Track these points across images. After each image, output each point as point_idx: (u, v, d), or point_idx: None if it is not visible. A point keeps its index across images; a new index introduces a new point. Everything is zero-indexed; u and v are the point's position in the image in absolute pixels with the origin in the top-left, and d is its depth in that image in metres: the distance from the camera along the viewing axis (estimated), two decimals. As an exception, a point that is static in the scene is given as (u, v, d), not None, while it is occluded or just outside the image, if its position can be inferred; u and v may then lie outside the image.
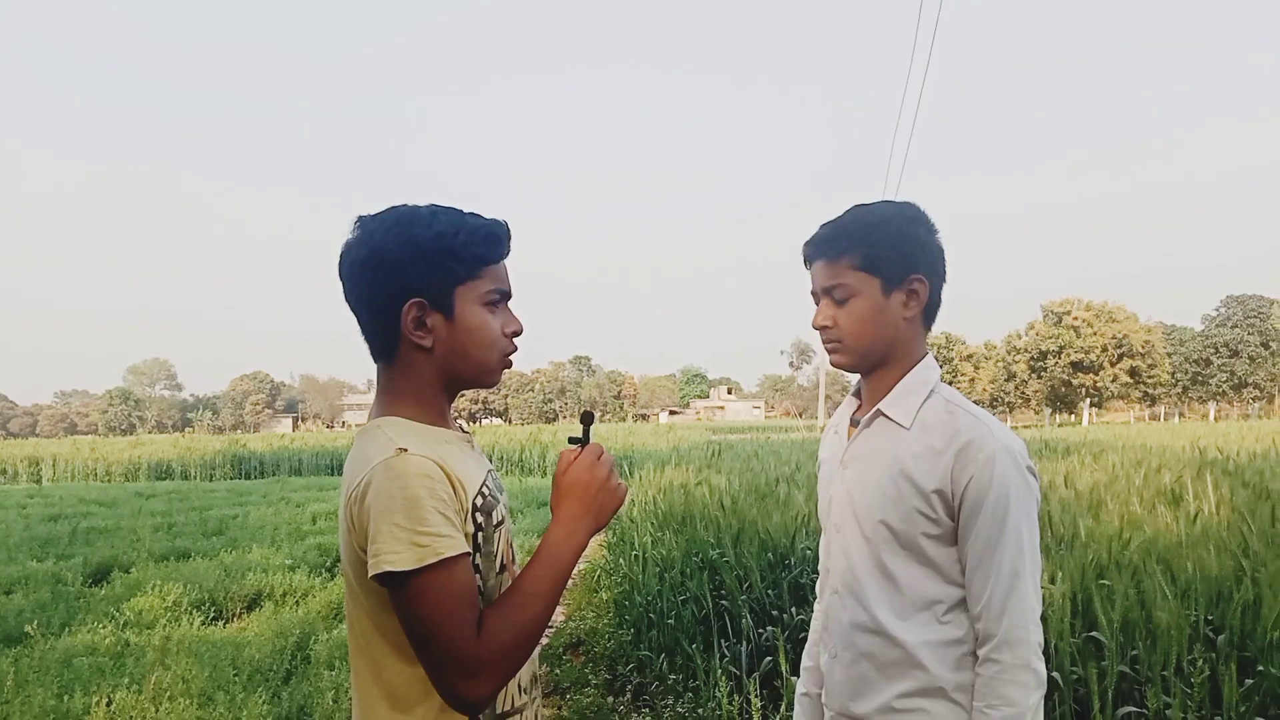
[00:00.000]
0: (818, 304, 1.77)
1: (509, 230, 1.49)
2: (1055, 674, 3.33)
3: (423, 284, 1.41)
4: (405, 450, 1.33)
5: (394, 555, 1.27)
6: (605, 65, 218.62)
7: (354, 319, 1.49)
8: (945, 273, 1.75)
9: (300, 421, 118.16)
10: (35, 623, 5.98)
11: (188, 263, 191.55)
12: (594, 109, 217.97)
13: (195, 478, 26.24)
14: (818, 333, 1.77)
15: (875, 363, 1.75)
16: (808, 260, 1.78)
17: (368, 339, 1.48)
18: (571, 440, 1.55)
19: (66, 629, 6.22)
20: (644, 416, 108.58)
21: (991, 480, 1.57)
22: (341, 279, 1.47)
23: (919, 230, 1.72)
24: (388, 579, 1.28)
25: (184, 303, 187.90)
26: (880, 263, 1.69)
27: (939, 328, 1.80)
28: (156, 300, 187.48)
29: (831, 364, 1.77)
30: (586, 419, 1.61)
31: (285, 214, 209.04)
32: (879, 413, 1.73)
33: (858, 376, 1.85)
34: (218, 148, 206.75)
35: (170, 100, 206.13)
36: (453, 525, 1.32)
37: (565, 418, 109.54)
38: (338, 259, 1.47)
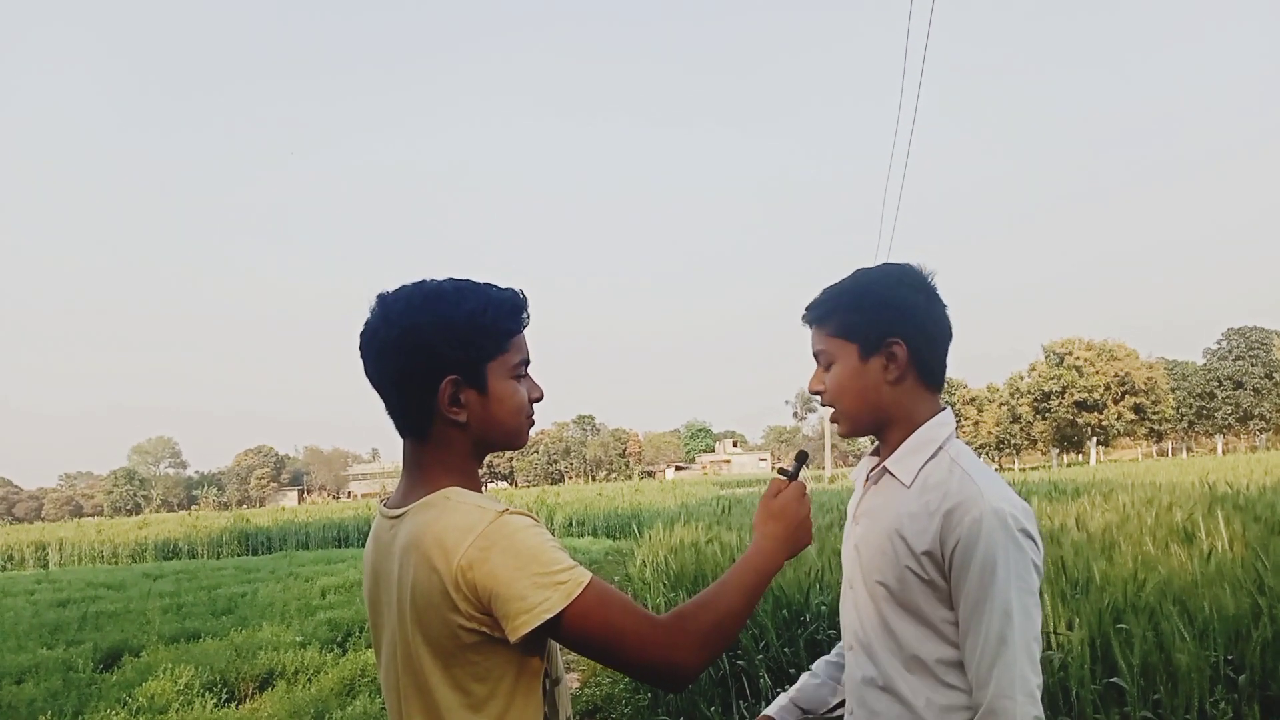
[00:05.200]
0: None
1: (527, 299, 1.54)
2: (1078, 722, 3.31)
3: (456, 362, 1.45)
4: (507, 511, 1.39)
5: (546, 601, 1.32)
6: (601, 124, 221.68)
7: (366, 391, 1.50)
8: (943, 333, 1.72)
9: (306, 494, 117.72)
10: (48, 712, 5.95)
11: (189, 339, 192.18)
12: (591, 167, 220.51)
13: (202, 556, 26.02)
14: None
15: (871, 426, 1.75)
16: (807, 325, 1.81)
17: (397, 416, 1.51)
18: (781, 472, 1.72)
19: (79, 717, 6.16)
20: (650, 473, 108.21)
21: (976, 544, 1.52)
22: (366, 359, 1.49)
23: (901, 292, 1.70)
24: (546, 626, 1.33)
25: (186, 379, 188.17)
26: (854, 328, 1.70)
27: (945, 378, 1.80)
28: (158, 378, 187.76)
29: (838, 433, 1.79)
30: (801, 458, 1.82)
31: (283, 288, 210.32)
32: (885, 470, 1.73)
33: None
34: (214, 230, 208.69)
35: (170, 176, 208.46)
36: (571, 557, 1.40)
37: (571, 478, 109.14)
38: (360, 340, 1.49)
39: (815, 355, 1.77)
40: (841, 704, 1.92)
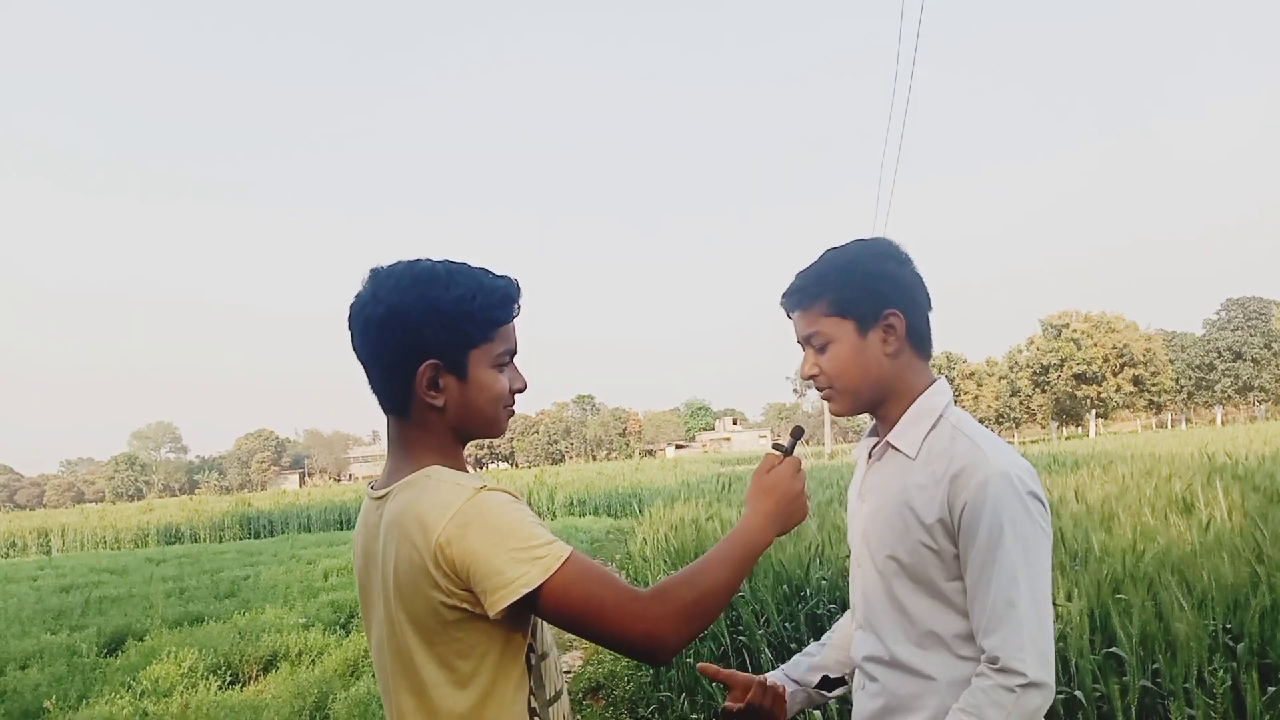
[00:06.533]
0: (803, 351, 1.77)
1: (520, 289, 1.53)
2: (1078, 692, 3.33)
3: (439, 347, 1.44)
4: (485, 488, 1.39)
5: (524, 576, 1.32)
6: (606, 102, 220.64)
7: (362, 370, 1.52)
8: (927, 301, 1.73)
9: (307, 477, 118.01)
10: (53, 697, 5.97)
11: (187, 324, 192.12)
12: (593, 144, 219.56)
13: (205, 540, 26.08)
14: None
15: (872, 402, 1.74)
16: (788, 312, 1.78)
17: (378, 393, 1.52)
18: (776, 447, 1.68)
19: (84, 701, 6.18)
20: (650, 452, 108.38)
21: (984, 507, 1.53)
22: (353, 332, 1.49)
23: (888, 265, 1.70)
24: (524, 601, 1.33)
25: (185, 364, 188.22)
26: (850, 304, 1.68)
27: (938, 347, 1.78)
28: (158, 363, 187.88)
29: (831, 412, 1.76)
30: (797, 433, 1.78)
31: (282, 271, 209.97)
32: (888, 444, 1.72)
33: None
34: (212, 211, 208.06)
35: (175, 157, 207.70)
36: (551, 533, 1.40)
37: (571, 458, 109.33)
38: (349, 312, 1.49)
39: (805, 340, 1.74)
40: (835, 681, 1.92)
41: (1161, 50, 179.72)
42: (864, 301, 1.67)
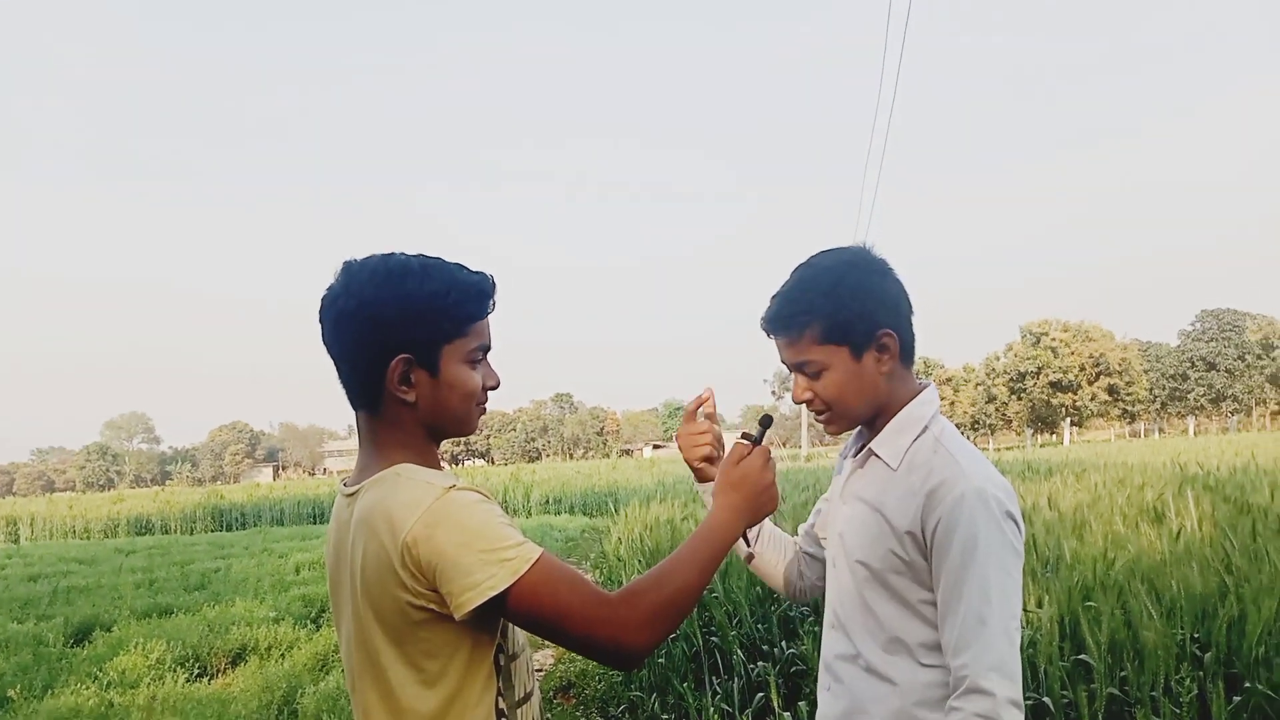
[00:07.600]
0: (792, 374, 1.73)
1: (495, 285, 1.50)
2: (1046, 698, 3.35)
3: (411, 342, 1.42)
4: (454, 487, 1.37)
5: (491, 579, 1.30)
6: (588, 99, 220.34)
7: (333, 364, 1.49)
8: (910, 308, 1.70)
9: (281, 470, 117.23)
10: (18, 686, 5.91)
11: (161, 314, 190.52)
12: (576, 143, 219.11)
13: (176, 531, 25.82)
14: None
15: (868, 418, 1.72)
16: (768, 334, 1.73)
17: (347, 388, 1.49)
18: (745, 436, 1.64)
19: (49, 691, 6.12)
20: (628, 452, 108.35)
21: (957, 523, 1.52)
22: (323, 326, 1.47)
23: (872, 279, 1.66)
24: (491, 603, 1.31)
25: (159, 354, 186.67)
26: (841, 330, 1.63)
27: (917, 353, 1.76)
28: (131, 352, 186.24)
29: (827, 432, 1.73)
30: (766, 421, 1.73)
31: (257, 259, 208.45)
32: (871, 451, 1.71)
33: None
34: (188, 198, 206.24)
35: (145, 144, 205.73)
36: (522, 534, 1.37)
37: (548, 456, 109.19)
38: (320, 305, 1.47)
39: (797, 367, 1.69)
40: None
41: (1142, 66, 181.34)
42: (856, 325, 1.63)
